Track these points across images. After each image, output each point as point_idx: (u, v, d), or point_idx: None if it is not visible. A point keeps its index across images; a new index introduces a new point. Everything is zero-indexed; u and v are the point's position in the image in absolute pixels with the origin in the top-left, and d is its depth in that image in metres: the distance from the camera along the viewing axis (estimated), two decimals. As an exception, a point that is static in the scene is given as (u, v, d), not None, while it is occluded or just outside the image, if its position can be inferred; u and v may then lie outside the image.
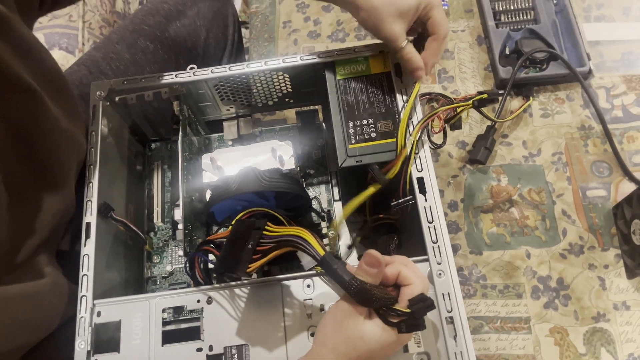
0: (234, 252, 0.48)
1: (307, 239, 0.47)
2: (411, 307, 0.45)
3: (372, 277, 0.46)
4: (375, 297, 0.45)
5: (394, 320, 0.45)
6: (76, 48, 0.96)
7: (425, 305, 0.45)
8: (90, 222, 0.56)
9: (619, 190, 0.78)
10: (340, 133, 0.59)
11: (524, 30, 0.88)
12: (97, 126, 0.61)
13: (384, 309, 0.46)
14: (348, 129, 0.59)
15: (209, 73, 0.64)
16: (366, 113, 0.61)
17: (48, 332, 0.57)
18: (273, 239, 0.49)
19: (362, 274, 0.46)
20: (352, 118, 0.60)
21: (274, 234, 0.49)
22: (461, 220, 0.77)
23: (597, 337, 0.69)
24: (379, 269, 0.46)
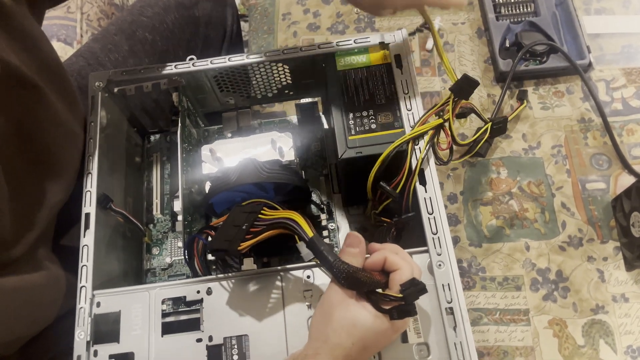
0: (229, 231, 0.49)
1: (297, 220, 0.48)
2: (402, 292, 0.44)
3: (355, 258, 0.47)
4: (361, 279, 0.45)
5: (385, 307, 0.45)
6: (74, 40, 0.95)
7: (417, 289, 0.44)
8: (89, 213, 0.56)
9: (618, 183, 0.78)
10: (340, 125, 0.59)
11: (524, 23, 0.88)
12: (96, 117, 0.61)
13: (375, 295, 0.45)
14: (348, 121, 0.59)
15: (208, 64, 0.63)
16: (366, 105, 0.60)
17: (46, 324, 0.57)
18: (266, 222, 0.49)
19: (345, 255, 0.47)
20: (352, 110, 0.60)
21: (267, 217, 0.50)
22: (460, 212, 0.77)
23: (596, 329, 0.69)
24: (359, 248, 0.47)
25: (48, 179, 0.56)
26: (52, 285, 0.57)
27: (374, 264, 0.47)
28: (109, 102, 0.64)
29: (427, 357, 0.49)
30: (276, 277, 0.53)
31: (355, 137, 0.59)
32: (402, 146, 0.56)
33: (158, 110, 0.72)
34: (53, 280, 0.57)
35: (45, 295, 0.56)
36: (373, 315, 0.45)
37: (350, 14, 0.94)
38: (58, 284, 0.57)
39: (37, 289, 0.54)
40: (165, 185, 0.73)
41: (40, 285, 0.55)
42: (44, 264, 0.56)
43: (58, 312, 0.58)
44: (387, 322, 0.45)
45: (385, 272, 0.47)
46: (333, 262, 0.45)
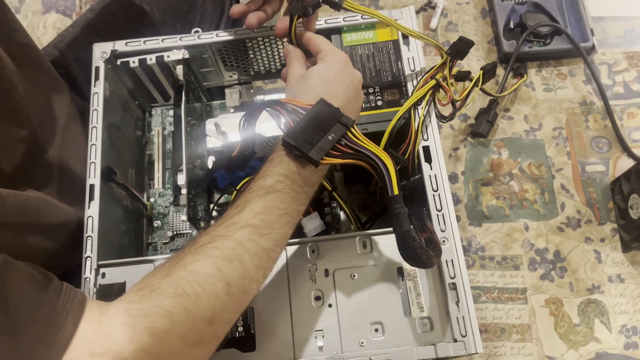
0: (311, 132, 0.44)
1: (389, 167, 0.44)
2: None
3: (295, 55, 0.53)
4: (420, 253, 0.44)
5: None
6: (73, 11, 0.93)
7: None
8: (94, 184, 0.56)
9: (618, 166, 0.78)
10: (346, 100, 0.59)
11: (528, 4, 0.87)
12: (100, 87, 0.60)
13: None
14: (354, 97, 0.59)
15: (213, 37, 0.63)
16: (372, 81, 0.60)
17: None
18: (354, 146, 0.45)
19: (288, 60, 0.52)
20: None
21: (357, 141, 0.45)
22: (461, 192, 0.77)
23: (592, 308, 0.71)
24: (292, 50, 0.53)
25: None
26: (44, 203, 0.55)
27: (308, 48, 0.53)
28: (111, 74, 0.64)
29: (430, 331, 0.50)
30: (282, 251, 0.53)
31: (361, 113, 0.58)
32: (406, 115, 0.56)
33: (160, 84, 0.71)
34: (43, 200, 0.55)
35: (56, 209, 0.55)
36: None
37: (354, -9, 0.93)
38: (51, 204, 0.56)
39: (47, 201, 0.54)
40: (166, 160, 0.73)
41: (48, 200, 0.54)
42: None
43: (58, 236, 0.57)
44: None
45: (434, 252, 0.47)
46: (405, 231, 0.43)
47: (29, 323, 0.34)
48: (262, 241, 0.42)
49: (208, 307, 0.39)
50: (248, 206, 0.43)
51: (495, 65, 0.61)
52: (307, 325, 0.50)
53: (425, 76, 0.57)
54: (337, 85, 0.49)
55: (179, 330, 0.37)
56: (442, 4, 0.90)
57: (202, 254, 0.40)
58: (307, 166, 0.45)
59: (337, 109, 0.46)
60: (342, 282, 0.51)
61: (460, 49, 0.56)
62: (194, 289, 0.38)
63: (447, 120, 0.58)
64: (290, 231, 0.45)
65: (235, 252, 0.41)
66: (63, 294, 0.37)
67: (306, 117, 0.45)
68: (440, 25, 0.90)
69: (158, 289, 0.38)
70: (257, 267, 0.42)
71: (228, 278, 0.40)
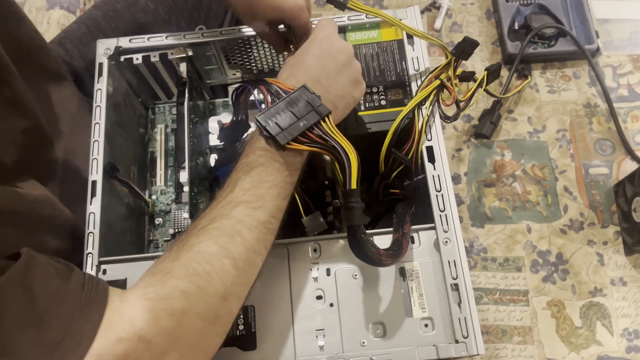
0: (284, 116, 0.45)
1: (352, 162, 0.44)
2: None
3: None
4: (368, 253, 0.45)
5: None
6: (77, 8, 0.94)
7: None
8: (96, 181, 0.56)
9: (621, 169, 0.78)
10: (350, 99, 0.59)
11: (533, 6, 0.87)
12: (104, 84, 0.60)
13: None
14: (358, 96, 0.59)
15: (218, 34, 0.63)
16: (376, 80, 0.60)
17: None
18: (323, 135, 0.45)
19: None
20: (362, 85, 0.60)
21: (327, 131, 0.45)
22: (464, 193, 0.77)
23: (594, 311, 0.70)
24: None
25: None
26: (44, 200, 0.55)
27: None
28: (114, 70, 0.64)
29: (432, 331, 0.50)
30: (283, 250, 0.53)
31: (364, 112, 0.58)
32: (410, 114, 0.56)
33: (164, 81, 0.71)
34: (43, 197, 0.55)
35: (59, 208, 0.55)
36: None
37: (359, -10, 0.93)
38: (53, 203, 0.56)
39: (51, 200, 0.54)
40: (169, 157, 0.72)
41: (50, 199, 0.54)
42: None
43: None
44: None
45: (390, 252, 0.47)
46: (355, 225, 0.44)
47: (55, 315, 0.35)
48: (257, 214, 0.44)
49: (220, 283, 0.41)
50: (237, 184, 0.45)
51: (500, 66, 0.61)
52: (308, 324, 0.50)
53: (430, 76, 0.57)
54: (314, 63, 0.50)
55: (196, 308, 0.39)
56: (446, 5, 0.90)
57: (205, 235, 0.42)
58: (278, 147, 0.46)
59: (317, 97, 0.47)
60: (343, 282, 0.51)
61: (465, 49, 0.56)
62: (203, 267, 0.40)
63: (451, 121, 0.58)
64: (283, 202, 0.47)
65: (235, 229, 0.43)
66: (86, 283, 0.38)
67: (283, 101, 0.46)
68: (445, 25, 0.89)
69: (171, 271, 0.40)
70: (258, 239, 0.44)
71: (233, 254, 0.42)
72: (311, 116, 0.46)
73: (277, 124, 0.45)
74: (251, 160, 0.46)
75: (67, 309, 0.36)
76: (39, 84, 0.57)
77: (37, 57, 0.59)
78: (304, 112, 0.46)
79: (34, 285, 0.35)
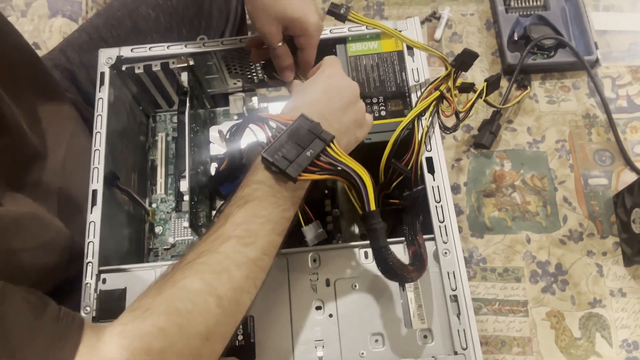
0: (289, 148, 0.44)
1: (367, 184, 0.44)
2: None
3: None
4: (397, 271, 0.44)
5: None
6: (80, 16, 0.94)
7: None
8: (96, 190, 0.56)
9: (620, 179, 0.78)
10: (350, 110, 0.59)
11: (533, 17, 0.88)
12: (105, 93, 0.60)
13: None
14: (358, 106, 0.59)
15: (219, 44, 0.63)
16: (376, 91, 0.60)
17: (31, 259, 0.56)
18: (333, 161, 0.45)
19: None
20: (362, 95, 0.60)
21: (336, 157, 0.45)
22: (463, 203, 0.77)
23: (593, 322, 0.70)
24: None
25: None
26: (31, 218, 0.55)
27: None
28: (115, 79, 0.64)
29: (431, 342, 0.50)
30: (283, 260, 0.53)
31: (364, 123, 0.58)
32: (410, 125, 0.56)
33: (165, 90, 0.72)
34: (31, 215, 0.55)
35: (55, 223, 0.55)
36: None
37: (360, 0, 0.93)
38: (41, 219, 0.55)
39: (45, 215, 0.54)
40: (169, 165, 0.73)
41: (43, 215, 0.54)
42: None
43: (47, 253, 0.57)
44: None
45: (415, 267, 0.47)
46: (382, 246, 0.43)
47: (28, 350, 0.35)
48: (248, 251, 0.42)
49: (201, 322, 0.39)
50: (229, 218, 0.43)
51: (499, 77, 0.61)
52: (307, 335, 0.50)
53: (430, 87, 0.57)
54: (319, 97, 0.50)
55: (175, 348, 0.38)
56: (446, 15, 0.90)
57: (191, 270, 0.41)
58: (285, 180, 0.45)
59: (317, 124, 0.46)
60: (343, 292, 0.51)
61: (465, 60, 0.56)
62: (185, 305, 0.39)
63: (450, 132, 0.58)
64: (277, 238, 0.45)
65: (222, 265, 0.41)
66: (60, 319, 0.37)
67: (285, 133, 0.45)
68: (445, 36, 0.90)
69: (151, 308, 0.39)
70: (247, 277, 0.42)
71: (218, 291, 0.40)
72: (316, 144, 0.45)
73: (284, 157, 0.44)
74: (246, 194, 0.44)
75: (40, 344, 0.35)
76: (27, 98, 0.56)
77: (24, 71, 0.58)
78: (308, 141, 0.45)
79: (6, 320, 0.35)
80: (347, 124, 0.50)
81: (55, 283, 0.57)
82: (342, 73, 0.53)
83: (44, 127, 0.59)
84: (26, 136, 0.54)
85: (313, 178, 0.45)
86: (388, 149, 0.56)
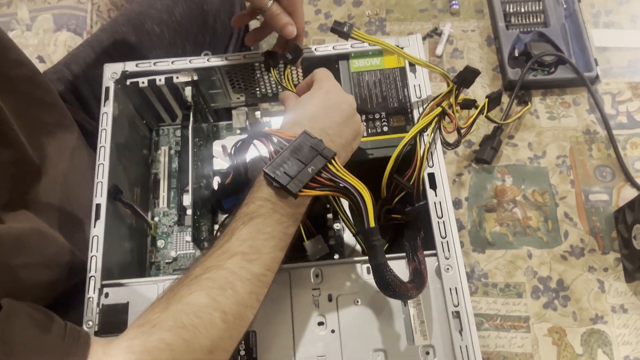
0: (291, 164, 0.45)
1: (367, 200, 0.44)
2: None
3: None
4: (396, 289, 0.44)
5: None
6: (84, 30, 0.95)
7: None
8: (100, 204, 0.56)
9: (621, 195, 0.79)
10: (353, 125, 0.59)
11: (533, 33, 0.88)
12: (110, 107, 0.61)
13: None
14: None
15: (223, 60, 0.64)
16: (379, 107, 0.61)
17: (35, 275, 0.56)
18: (333, 177, 0.46)
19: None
20: (364, 111, 0.60)
21: (336, 173, 0.46)
22: (465, 218, 0.77)
23: (595, 338, 0.70)
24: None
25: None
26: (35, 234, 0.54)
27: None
28: (120, 94, 0.64)
29: (433, 359, 0.50)
30: (285, 275, 0.53)
31: (367, 138, 0.59)
32: (412, 141, 0.57)
33: (168, 104, 0.72)
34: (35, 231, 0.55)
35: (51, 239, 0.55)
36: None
37: (362, 16, 0.94)
38: (42, 235, 0.55)
39: (45, 231, 0.54)
40: (172, 179, 0.73)
41: (44, 231, 0.54)
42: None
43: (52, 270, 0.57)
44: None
45: (414, 284, 0.47)
46: (381, 263, 0.44)
47: None
48: (252, 267, 0.44)
49: (206, 336, 0.40)
50: (235, 234, 0.44)
51: (501, 94, 0.62)
52: (309, 350, 0.50)
53: (432, 103, 0.58)
54: (320, 113, 0.51)
55: None
56: (447, 31, 0.91)
57: (197, 285, 0.42)
58: (287, 196, 0.46)
59: (319, 141, 0.47)
60: (345, 308, 0.51)
61: (467, 77, 0.56)
62: (191, 320, 0.40)
63: (452, 148, 0.59)
64: (280, 254, 0.46)
65: (228, 281, 0.42)
66: (67, 335, 0.38)
67: (287, 149, 0.46)
68: (446, 51, 0.91)
69: (158, 323, 0.40)
70: (250, 293, 0.43)
71: (223, 307, 0.41)
72: (318, 160, 0.46)
73: (285, 173, 0.45)
74: (251, 210, 0.45)
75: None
76: (28, 113, 0.57)
77: (24, 87, 0.59)
78: (310, 157, 0.46)
79: (13, 338, 0.35)
80: (347, 136, 0.51)
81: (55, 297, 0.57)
82: (338, 87, 0.54)
83: (45, 143, 0.60)
84: (27, 152, 0.55)
85: (313, 194, 0.46)
86: (390, 165, 0.56)
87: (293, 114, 0.52)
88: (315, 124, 0.49)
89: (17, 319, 0.37)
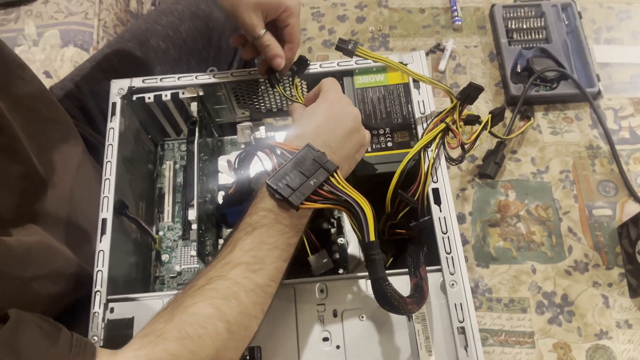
0: (293, 176, 0.46)
1: (367, 214, 0.45)
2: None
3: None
4: (395, 304, 0.45)
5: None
6: (91, 46, 0.96)
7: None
8: (106, 219, 0.57)
9: (625, 210, 0.79)
10: (357, 141, 0.60)
11: (535, 49, 0.89)
12: (116, 123, 0.61)
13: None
14: (365, 138, 0.60)
15: (228, 76, 0.64)
16: (383, 123, 0.61)
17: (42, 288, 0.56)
18: (335, 191, 0.46)
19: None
20: (368, 127, 0.61)
21: (338, 186, 0.46)
22: (469, 233, 0.78)
23: (600, 354, 0.70)
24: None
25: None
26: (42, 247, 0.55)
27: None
28: (126, 109, 0.65)
29: (438, 375, 0.49)
30: (290, 290, 0.53)
31: (371, 154, 0.59)
32: (416, 156, 0.57)
33: (173, 119, 0.73)
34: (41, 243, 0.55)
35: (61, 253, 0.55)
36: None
37: (365, 32, 0.95)
38: (51, 248, 0.56)
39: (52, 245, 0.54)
40: (177, 193, 0.73)
41: (51, 245, 0.54)
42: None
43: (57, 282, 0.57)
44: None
45: (414, 299, 0.47)
46: (380, 277, 0.44)
47: None
48: (256, 277, 0.44)
49: (211, 347, 0.41)
50: (238, 245, 0.45)
51: (504, 109, 0.62)
52: (314, 366, 0.50)
53: (435, 119, 0.58)
54: (323, 125, 0.51)
55: None
56: (450, 47, 0.92)
57: (201, 296, 0.42)
58: (289, 208, 0.46)
59: (322, 154, 0.47)
60: (350, 323, 0.51)
61: (470, 94, 0.57)
62: (196, 330, 0.40)
63: (456, 163, 0.59)
64: (284, 264, 0.47)
65: (232, 291, 0.43)
66: (74, 345, 0.38)
67: (291, 162, 0.47)
68: (449, 67, 0.92)
69: (163, 333, 0.40)
70: (254, 303, 0.44)
71: (228, 317, 0.42)
72: (320, 173, 0.46)
73: (287, 185, 0.45)
74: (254, 221, 0.46)
75: None
76: (35, 128, 0.58)
77: (31, 103, 0.59)
78: (313, 170, 0.46)
79: (21, 347, 0.36)
80: (350, 149, 0.52)
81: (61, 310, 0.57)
82: (344, 98, 0.55)
83: (52, 157, 0.60)
84: (36, 167, 0.55)
85: (315, 207, 0.46)
86: (395, 180, 0.57)
87: (297, 125, 0.53)
88: (318, 136, 0.50)
89: (26, 329, 0.37)
